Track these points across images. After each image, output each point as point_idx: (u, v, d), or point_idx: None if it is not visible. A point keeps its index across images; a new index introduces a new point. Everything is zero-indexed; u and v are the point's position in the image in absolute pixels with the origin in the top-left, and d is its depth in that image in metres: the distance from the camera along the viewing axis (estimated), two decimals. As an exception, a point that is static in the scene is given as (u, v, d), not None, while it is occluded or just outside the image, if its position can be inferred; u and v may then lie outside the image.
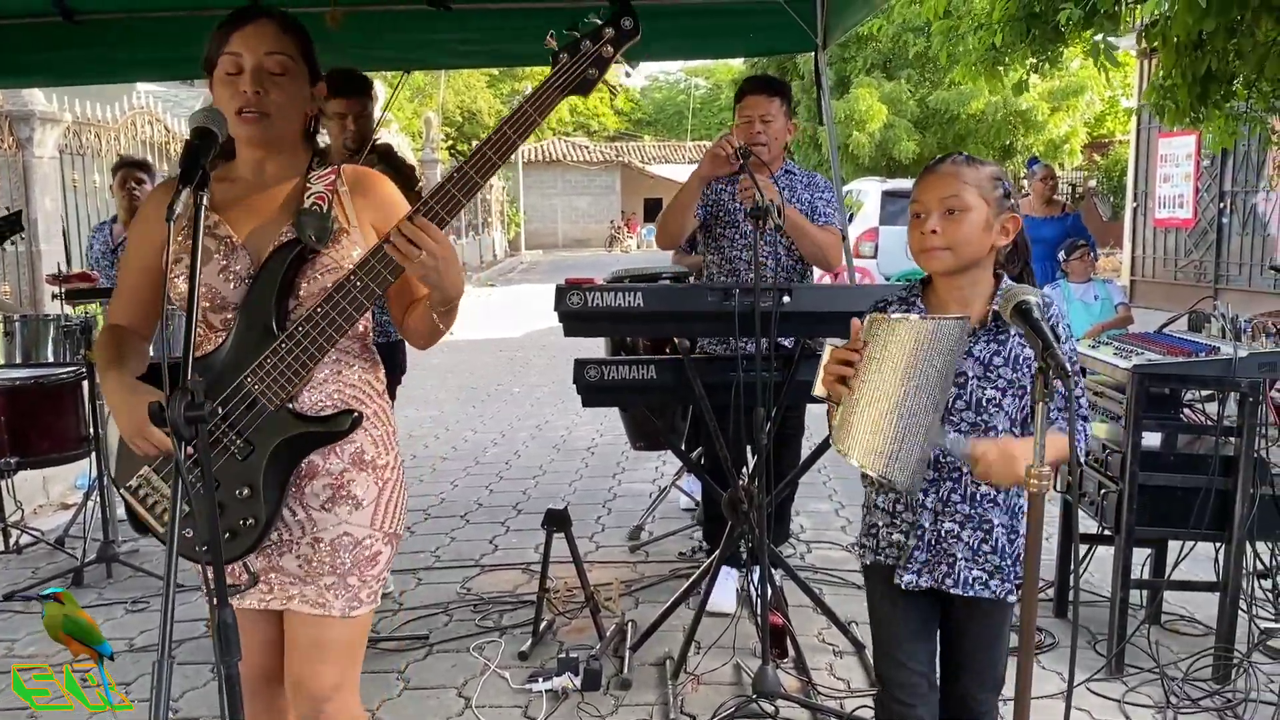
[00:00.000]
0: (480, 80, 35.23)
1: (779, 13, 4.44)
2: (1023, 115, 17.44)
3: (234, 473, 1.74)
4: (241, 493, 1.74)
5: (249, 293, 1.78)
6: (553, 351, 10.57)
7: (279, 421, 1.75)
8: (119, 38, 4.43)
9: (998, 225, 1.89)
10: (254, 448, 1.74)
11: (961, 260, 1.88)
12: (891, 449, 1.69)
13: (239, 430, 1.74)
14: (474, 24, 4.48)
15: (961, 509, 1.94)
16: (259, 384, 1.73)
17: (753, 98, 3.48)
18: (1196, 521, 3.04)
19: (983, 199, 1.87)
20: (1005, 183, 1.92)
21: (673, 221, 3.54)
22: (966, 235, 1.86)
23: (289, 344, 1.73)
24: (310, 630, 1.86)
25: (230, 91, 1.77)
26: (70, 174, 8.12)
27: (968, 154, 1.98)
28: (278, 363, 1.73)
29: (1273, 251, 11.04)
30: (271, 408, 1.74)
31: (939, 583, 1.95)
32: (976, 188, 1.87)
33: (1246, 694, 2.94)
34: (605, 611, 3.58)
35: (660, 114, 44.44)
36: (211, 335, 1.83)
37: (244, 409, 1.74)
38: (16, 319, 4.09)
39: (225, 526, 1.73)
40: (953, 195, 1.87)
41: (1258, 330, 3.36)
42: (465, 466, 6.02)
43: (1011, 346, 1.89)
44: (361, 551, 1.86)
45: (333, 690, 1.88)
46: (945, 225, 1.86)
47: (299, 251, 1.77)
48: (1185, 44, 4.88)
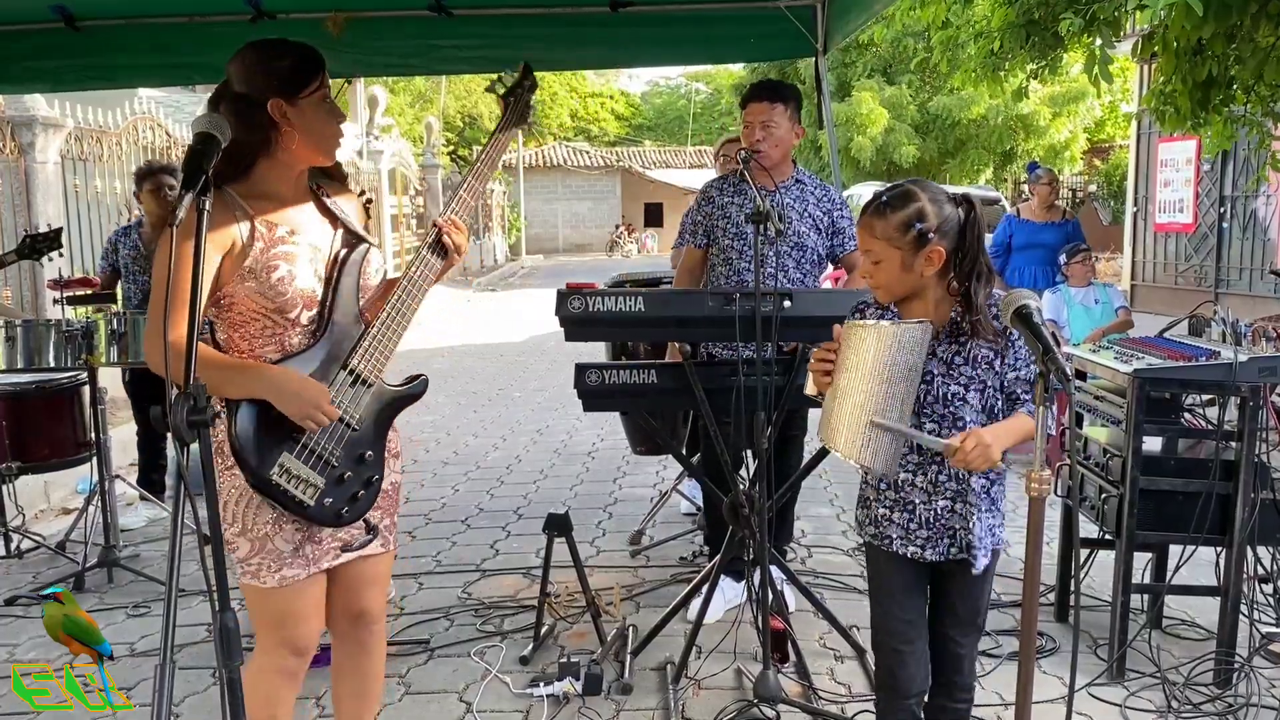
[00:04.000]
0: (481, 85, 35.27)
1: (779, 19, 4.45)
2: (1023, 120, 17.47)
3: (353, 443, 2.05)
4: (364, 458, 2.07)
5: (337, 290, 2.07)
6: (553, 356, 10.57)
7: (380, 393, 2.09)
8: (121, 44, 4.45)
9: (920, 260, 2.04)
10: (365, 419, 2.07)
11: (895, 294, 2.11)
12: (865, 439, 1.91)
13: (354, 406, 2.05)
14: (474, 30, 4.49)
15: (950, 486, 2.11)
16: (364, 364, 2.05)
17: (754, 104, 3.48)
18: (1197, 526, 3.04)
19: (893, 248, 2.04)
20: (920, 222, 2.02)
21: None
22: (888, 278, 2.08)
23: (382, 328, 2.06)
24: (373, 567, 2.24)
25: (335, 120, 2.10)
26: (72, 180, 8.13)
27: (889, 195, 2.08)
28: (375, 344, 2.06)
29: (1273, 256, 11.04)
30: (375, 383, 2.08)
31: (944, 555, 2.13)
32: (885, 240, 2.04)
33: (1248, 699, 2.94)
34: (606, 616, 3.58)
35: (661, 119, 44.49)
36: (283, 334, 2.04)
37: (355, 387, 2.05)
38: (18, 324, 4.09)
39: (354, 489, 2.05)
40: (868, 250, 2.09)
41: (1258, 335, 3.36)
42: (466, 471, 6.02)
43: (970, 348, 2.07)
44: (397, 494, 2.27)
45: (382, 612, 2.32)
46: (871, 271, 2.10)
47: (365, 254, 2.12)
48: (1185, 50, 4.89)
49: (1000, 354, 2.06)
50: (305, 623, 2.13)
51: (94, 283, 4.85)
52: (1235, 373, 2.96)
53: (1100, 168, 21.06)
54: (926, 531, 2.13)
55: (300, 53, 2.02)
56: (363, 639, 2.31)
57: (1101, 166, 21.00)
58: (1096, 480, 3.28)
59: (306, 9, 4.25)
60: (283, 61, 1.99)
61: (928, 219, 2.02)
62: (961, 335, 2.08)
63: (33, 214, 7.57)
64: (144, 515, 4.96)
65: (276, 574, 2.05)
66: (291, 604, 2.09)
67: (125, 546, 4.42)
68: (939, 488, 2.12)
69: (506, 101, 2.32)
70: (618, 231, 33.58)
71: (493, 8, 4.45)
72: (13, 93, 6.87)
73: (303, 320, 2.05)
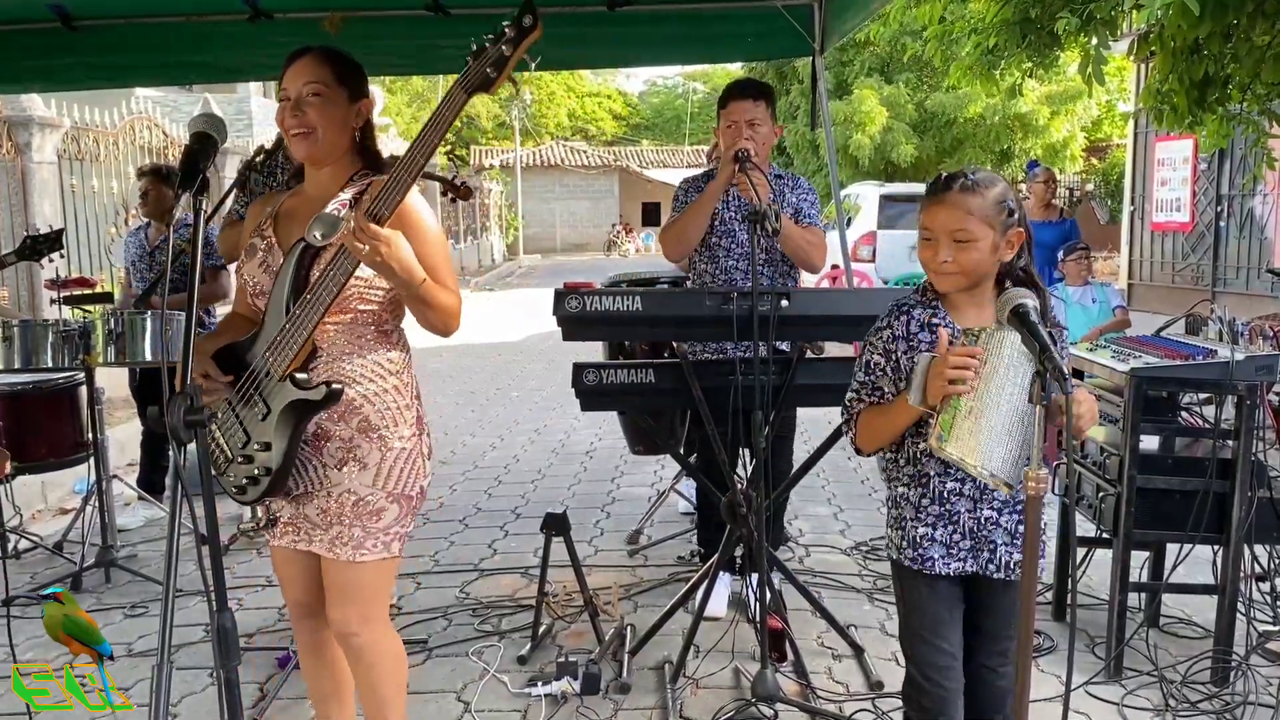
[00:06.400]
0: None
1: (776, 18, 4.46)
2: (1021, 119, 17.45)
3: (258, 429, 2.07)
4: (263, 445, 2.07)
5: (274, 283, 2.09)
6: (551, 356, 10.57)
7: (280, 389, 2.05)
8: (118, 44, 4.45)
9: (1004, 243, 1.98)
10: (269, 410, 2.05)
11: (972, 280, 2.01)
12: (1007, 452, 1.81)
13: (261, 394, 2.07)
14: (472, 29, 4.46)
15: (998, 495, 2.01)
16: (272, 357, 2.05)
17: (737, 103, 3.46)
18: (1194, 524, 3.04)
19: (989, 226, 1.95)
20: (1010, 201, 1.97)
21: (694, 229, 3.53)
22: (976, 261, 1.97)
23: (289, 324, 2.03)
24: (333, 574, 2.20)
25: (282, 118, 2.13)
26: (69, 179, 8.13)
27: (974, 174, 1.99)
28: (282, 339, 2.04)
29: (1270, 255, 11.05)
30: (277, 376, 2.04)
31: (982, 568, 2.04)
32: (982, 217, 1.94)
33: (1245, 697, 2.94)
34: (604, 615, 3.58)
35: (658, 118, 44.52)
36: (254, 319, 2.16)
37: (263, 377, 2.07)
38: (15, 324, 4.08)
39: (250, 473, 2.08)
40: (960, 229, 1.95)
41: (1255, 333, 3.37)
42: (464, 471, 6.02)
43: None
44: (364, 507, 2.16)
45: (359, 625, 2.21)
46: (956, 253, 1.97)
47: (305, 249, 2.04)
48: (1181, 48, 4.90)
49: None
50: (287, 586, 2.32)
51: (91, 283, 4.86)
52: (1232, 371, 2.96)
53: (1097, 166, 21.07)
54: (969, 542, 2.04)
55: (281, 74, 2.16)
56: (341, 647, 2.31)
57: (1099, 165, 21.01)
58: (1094, 479, 3.28)
59: (304, 8, 4.25)
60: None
61: (1014, 200, 2.00)
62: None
63: (29, 213, 7.57)
64: (142, 515, 4.96)
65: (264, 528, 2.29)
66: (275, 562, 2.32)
67: (123, 547, 4.42)
68: (985, 494, 2.02)
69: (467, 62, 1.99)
70: (615, 231, 33.58)
71: (490, 7, 4.42)
72: (10, 92, 6.87)
73: (257, 305, 2.17)
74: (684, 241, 3.59)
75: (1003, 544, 2.04)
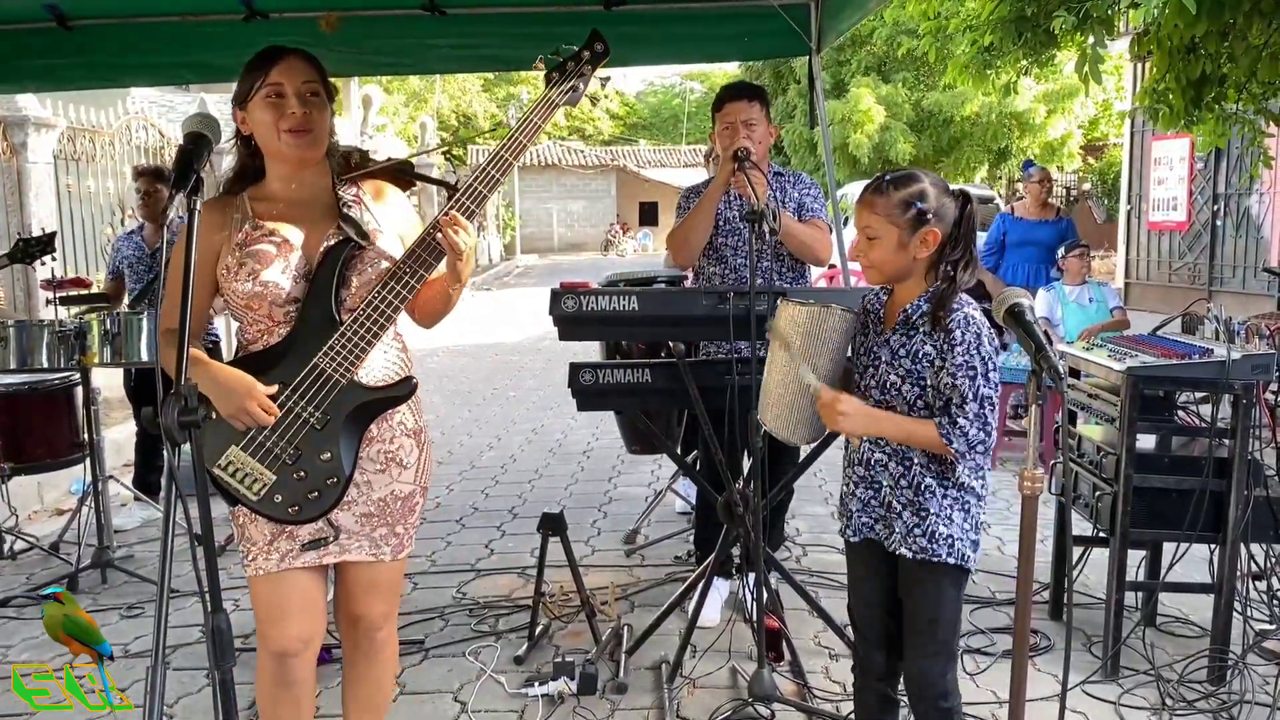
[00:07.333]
0: (475, 84, 35.27)
1: (773, 17, 4.45)
2: (1018, 118, 17.46)
3: (314, 441, 2.01)
4: (324, 457, 2.02)
5: (312, 286, 2.05)
6: (548, 355, 10.57)
7: (350, 392, 2.03)
8: (114, 44, 4.43)
9: (915, 241, 2.07)
10: (330, 418, 2.02)
11: (886, 275, 2.13)
12: (791, 415, 2.17)
13: (316, 404, 2.01)
14: (468, 29, 4.48)
15: (921, 478, 2.12)
16: (330, 363, 2.01)
17: (733, 104, 3.48)
18: (1191, 523, 3.04)
19: (892, 224, 2.07)
20: (919, 203, 2.05)
21: (698, 231, 3.54)
22: (882, 256, 2.10)
23: (355, 326, 2.02)
24: (367, 573, 2.21)
25: (276, 115, 2.04)
26: (65, 179, 8.11)
27: (891, 176, 2.11)
28: (345, 343, 2.01)
29: (1266, 254, 11.06)
30: (344, 382, 2.02)
31: (904, 545, 2.14)
32: (885, 215, 2.07)
33: (1242, 696, 2.94)
34: (601, 615, 3.58)
35: (656, 118, 44.48)
36: (274, 328, 2.08)
37: (319, 385, 2.01)
38: (11, 324, 4.08)
39: (311, 487, 2.02)
40: (866, 226, 2.11)
41: (1251, 332, 3.38)
42: (461, 471, 6.02)
43: (916, 343, 2.09)
44: (406, 504, 2.21)
45: (383, 620, 2.29)
46: (866, 248, 2.12)
47: (350, 250, 2.06)
48: (1178, 48, 4.90)
49: (942, 354, 2.04)
50: (279, 623, 2.13)
51: (87, 283, 4.85)
52: (1228, 370, 2.96)
53: (1094, 165, 21.10)
54: (885, 512, 2.17)
55: (251, 60, 2.09)
56: (361, 644, 2.32)
57: (1095, 164, 21.03)
58: (1090, 478, 3.28)
59: (299, 8, 4.24)
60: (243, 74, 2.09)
61: (928, 200, 2.05)
62: (913, 330, 2.09)
63: (25, 214, 7.55)
64: (138, 516, 4.95)
65: (253, 562, 2.11)
66: (265, 597, 2.13)
67: (119, 547, 4.41)
68: (909, 474, 2.13)
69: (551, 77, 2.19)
70: (612, 230, 33.57)
71: (486, 6, 4.43)
72: (5, 92, 6.84)
73: (275, 314, 2.07)
74: (690, 244, 3.60)
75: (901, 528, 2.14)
